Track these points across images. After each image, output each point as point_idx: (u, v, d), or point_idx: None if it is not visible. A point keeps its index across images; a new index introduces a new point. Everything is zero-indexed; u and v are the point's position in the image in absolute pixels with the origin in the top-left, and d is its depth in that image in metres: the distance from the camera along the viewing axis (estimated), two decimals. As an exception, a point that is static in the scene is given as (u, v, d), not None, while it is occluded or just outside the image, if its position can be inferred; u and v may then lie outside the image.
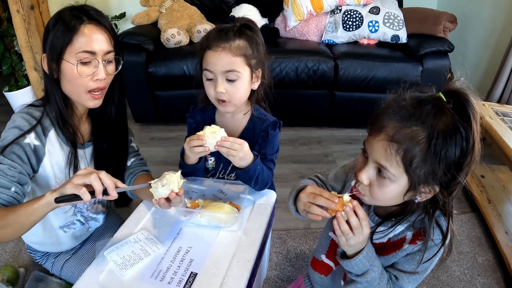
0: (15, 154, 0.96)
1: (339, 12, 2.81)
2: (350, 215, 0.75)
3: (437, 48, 2.51)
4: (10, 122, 1.01)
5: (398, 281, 0.83)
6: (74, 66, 0.97)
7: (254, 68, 1.08)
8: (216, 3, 3.12)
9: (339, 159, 2.42)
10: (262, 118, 1.17)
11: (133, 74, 2.53)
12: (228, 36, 1.03)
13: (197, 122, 1.22)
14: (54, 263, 1.25)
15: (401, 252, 0.83)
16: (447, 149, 0.68)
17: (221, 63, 1.03)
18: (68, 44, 0.96)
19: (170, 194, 0.90)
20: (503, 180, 2.11)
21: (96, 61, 0.98)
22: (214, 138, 0.98)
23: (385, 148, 0.70)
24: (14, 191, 0.96)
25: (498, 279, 1.59)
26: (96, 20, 0.98)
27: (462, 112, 0.68)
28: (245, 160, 1.03)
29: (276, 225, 1.81)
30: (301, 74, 2.53)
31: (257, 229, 1.04)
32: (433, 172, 0.70)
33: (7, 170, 0.95)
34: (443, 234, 0.79)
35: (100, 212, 1.31)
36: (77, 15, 0.97)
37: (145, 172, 1.22)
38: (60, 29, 0.96)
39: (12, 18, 2.28)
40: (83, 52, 0.96)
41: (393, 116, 0.71)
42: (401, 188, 0.73)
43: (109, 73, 1.03)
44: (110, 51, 1.01)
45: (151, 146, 2.56)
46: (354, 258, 0.79)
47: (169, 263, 0.93)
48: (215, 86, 1.05)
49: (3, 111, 2.89)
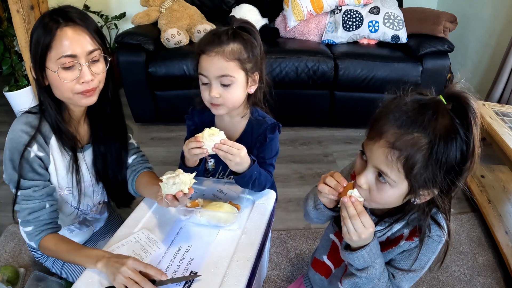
0: (30, 173, 0.99)
1: (339, 12, 2.81)
2: (348, 206, 0.75)
3: (437, 48, 2.51)
4: (10, 135, 1.00)
5: (395, 279, 0.83)
6: (56, 74, 0.94)
7: (250, 72, 1.06)
8: (216, 3, 3.13)
9: (339, 159, 2.42)
10: (261, 121, 1.16)
11: (133, 74, 2.54)
12: (221, 40, 1.01)
13: (195, 124, 1.21)
14: (54, 262, 1.25)
15: (397, 249, 0.83)
16: (448, 154, 0.68)
17: (215, 68, 1.02)
18: (48, 51, 0.92)
19: (178, 193, 0.90)
20: (503, 180, 2.11)
21: (79, 64, 0.95)
22: (212, 141, 0.97)
23: (385, 155, 0.70)
24: (49, 206, 1.02)
25: (498, 279, 1.59)
26: (73, 22, 0.94)
27: (463, 116, 0.67)
28: (241, 165, 1.02)
29: (276, 225, 1.81)
30: (301, 74, 2.53)
31: (257, 229, 1.04)
32: (434, 177, 0.69)
33: (33, 193, 1.00)
34: (442, 230, 0.79)
35: (104, 212, 1.31)
36: (55, 19, 0.93)
37: (147, 169, 1.22)
38: (39, 35, 0.92)
39: (12, 18, 2.28)
40: (63, 57, 0.92)
41: (394, 121, 0.70)
42: (400, 193, 0.73)
43: (97, 73, 0.99)
44: (93, 50, 0.97)
45: (151, 146, 2.55)
46: (357, 252, 0.79)
47: (169, 262, 0.93)
48: (210, 90, 1.04)
49: (3, 111, 2.89)
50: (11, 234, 1.75)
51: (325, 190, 0.80)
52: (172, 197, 0.92)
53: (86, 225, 1.28)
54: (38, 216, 1.01)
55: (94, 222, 1.28)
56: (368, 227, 0.76)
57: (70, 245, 0.98)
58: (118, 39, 2.56)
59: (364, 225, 0.75)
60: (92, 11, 3.27)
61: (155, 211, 1.10)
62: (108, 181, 1.20)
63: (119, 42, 2.56)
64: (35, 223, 1.01)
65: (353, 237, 0.76)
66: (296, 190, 2.10)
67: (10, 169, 1.00)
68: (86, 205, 1.19)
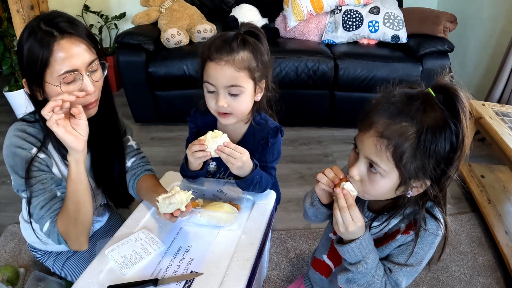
0: (34, 171, 0.97)
1: (339, 12, 2.81)
2: (339, 197, 0.77)
3: (437, 48, 2.51)
4: (6, 142, 0.97)
5: (392, 273, 0.83)
6: (57, 88, 0.91)
7: (258, 80, 1.04)
8: (216, 3, 3.13)
9: (339, 159, 2.42)
10: (263, 125, 1.14)
11: (133, 74, 2.54)
12: (232, 48, 0.97)
13: (197, 127, 1.19)
14: (55, 261, 1.25)
15: (394, 243, 0.83)
16: (436, 144, 0.69)
17: (224, 78, 0.98)
18: (46, 67, 0.89)
19: (176, 211, 0.90)
20: (503, 180, 2.11)
21: (80, 75, 0.92)
22: (216, 143, 0.96)
23: (375, 144, 0.72)
24: (60, 194, 1.00)
25: (498, 279, 1.59)
26: (69, 33, 0.90)
27: (452, 107, 0.69)
28: (242, 169, 1.01)
29: (276, 225, 1.82)
30: (301, 74, 2.53)
31: (257, 229, 1.04)
32: (423, 167, 0.71)
33: (41, 185, 0.97)
34: (438, 223, 0.79)
35: (105, 214, 1.31)
36: (48, 31, 0.88)
37: (148, 172, 1.20)
38: (34, 50, 0.88)
39: (12, 18, 2.28)
40: (64, 73, 0.90)
41: (383, 112, 0.72)
42: (392, 183, 0.74)
43: (96, 81, 0.97)
44: (92, 60, 0.94)
45: (151, 146, 2.55)
46: (346, 245, 0.79)
47: (169, 262, 0.93)
48: (217, 100, 1.01)
49: (3, 111, 2.89)
50: (11, 234, 1.75)
51: (323, 180, 0.82)
52: (170, 215, 0.92)
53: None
54: (51, 207, 0.97)
55: (94, 222, 1.28)
56: (356, 221, 0.76)
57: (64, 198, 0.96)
58: (118, 39, 2.56)
59: (353, 218, 0.76)
60: (92, 11, 3.28)
61: (155, 212, 1.10)
62: (106, 185, 1.19)
63: (119, 42, 2.56)
64: (49, 215, 0.97)
65: (341, 228, 0.77)
66: (296, 190, 2.10)
67: (14, 175, 0.98)
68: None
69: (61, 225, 0.97)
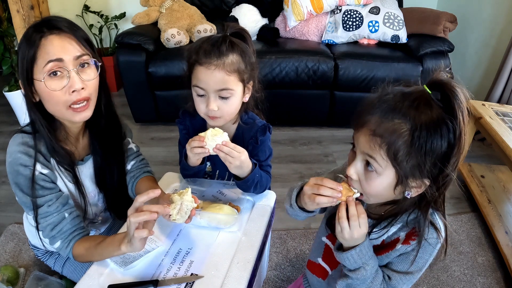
0: (39, 190, 0.96)
1: (339, 12, 2.81)
2: (351, 205, 0.76)
3: (437, 48, 2.51)
4: (9, 159, 0.96)
5: (391, 281, 0.83)
6: (42, 83, 0.87)
7: (246, 82, 1.04)
8: (216, 3, 3.13)
9: (339, 159, 2.42)
10: (251, 123, 1.14)
11: (133, 74, 2.53)
12: (221, 51, 0.96)
13: (187, 128, 1.19)
14: (56, 260, 1.25)
15: (394, 253, 0.83)
16: (432, 141, 0.67)
17: (214, 82, 0.97)
18: (34, 61, 0.87)
19: (192, 211, 0.90)
20: (503, 180, 2.11)
21: (66, 70, 0.88)
22: (215, 141, 0.96)
23: (368, 142, 0.71)
24: (68, 215, 1.00)
25: (498, 279, 1.60)
26: (59, 29, 0.88)
27: (447, 102, 0.67)
28: (241, 169, 1.01)
29: (276, 225, 1.81)
30: (301, 74, 2.53)
31: (257, 230, 1.04)
32: (419, 165, 0.69)
33: (48, 208, 0.97)
34: (438, 233, 0.79)
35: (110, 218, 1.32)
36: (38, 29, 0.87)
37: (146, 174, 1.20)
38: (23, 48, 0.88)
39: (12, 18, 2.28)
40: (48, 62, 0.86)
41: (376, 110, 0.71)
42: (389, 181, 0.73)
43: (87, 80, 0.93)
44: (81, 54, 0.91)
45: (151, 146, 2.56)
46: (346, 252, 0.79)
47: (169, 264, 0.93)
48: (207, 103, 1.01)
49: (3, 111, 2.89)
50: (11, 234, 1.75)
51: (324, 200, 0.78)
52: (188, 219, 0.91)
53: (92, 229, 1.29)
54: (61, 229, 0.98)
55: (99, 225, 1.29)
56: (362, 228, 0.77)
57: (97, 243, 0.94)
58: (118, 39, 2.56)
59: (360, 225, 0.77)
60: (92, 11, 3.28)
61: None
62: (107, 191, 1.19)
63: (119, 42, 2.56)
64: (60, 236, 0.99)
65: (346, 235, 0.77)
66: (296, 190, 2.10)
67: (18, 192, 0.97)
68: (93, 214, 1.20)
69: (77, 252, 0.98)
